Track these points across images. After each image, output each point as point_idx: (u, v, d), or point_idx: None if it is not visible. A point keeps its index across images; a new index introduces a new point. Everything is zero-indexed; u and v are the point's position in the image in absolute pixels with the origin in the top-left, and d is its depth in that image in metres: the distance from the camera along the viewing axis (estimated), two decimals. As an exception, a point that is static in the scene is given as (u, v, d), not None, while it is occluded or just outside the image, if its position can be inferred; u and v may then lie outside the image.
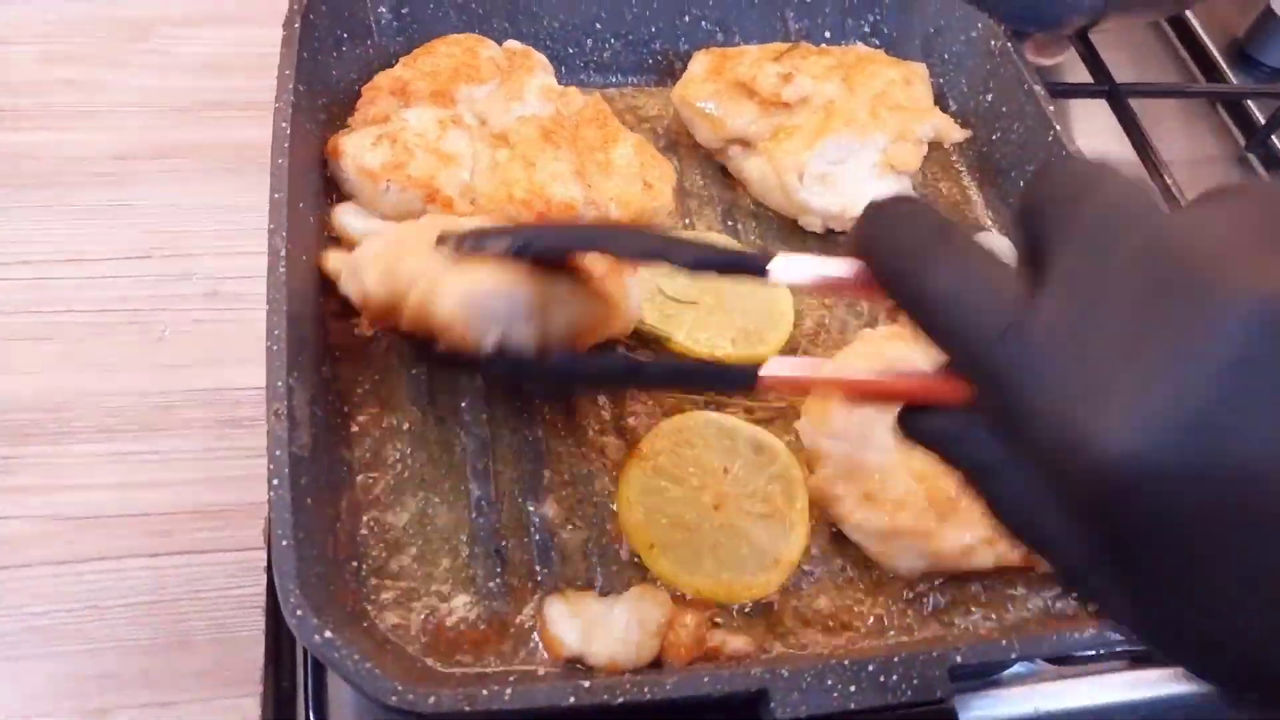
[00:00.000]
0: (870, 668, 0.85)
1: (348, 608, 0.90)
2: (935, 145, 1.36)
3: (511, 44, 1.28)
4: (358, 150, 1.13)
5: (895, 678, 0.85)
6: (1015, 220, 0.53)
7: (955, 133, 1.34)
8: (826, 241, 1.30)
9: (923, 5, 1.46)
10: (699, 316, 1.18)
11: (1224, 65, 1.82)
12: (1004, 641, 0.89)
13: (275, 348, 0.91)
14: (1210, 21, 1.88)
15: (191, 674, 0.96)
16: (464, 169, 1.15)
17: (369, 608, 0.93)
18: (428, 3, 1.32)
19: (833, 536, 1.07)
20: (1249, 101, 1.75)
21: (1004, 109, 1.41)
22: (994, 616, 1.04)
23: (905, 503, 1.01)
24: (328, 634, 0.78)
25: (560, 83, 1.29)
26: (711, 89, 1.29)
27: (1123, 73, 1.70)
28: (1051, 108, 1.34)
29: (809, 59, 1.33)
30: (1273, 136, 1.69)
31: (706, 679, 0.83)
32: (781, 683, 0.83)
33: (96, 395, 1.11)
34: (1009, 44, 1.38)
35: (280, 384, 0.89)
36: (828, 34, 1.48)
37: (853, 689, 0.84)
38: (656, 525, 1.01)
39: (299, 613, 0.79)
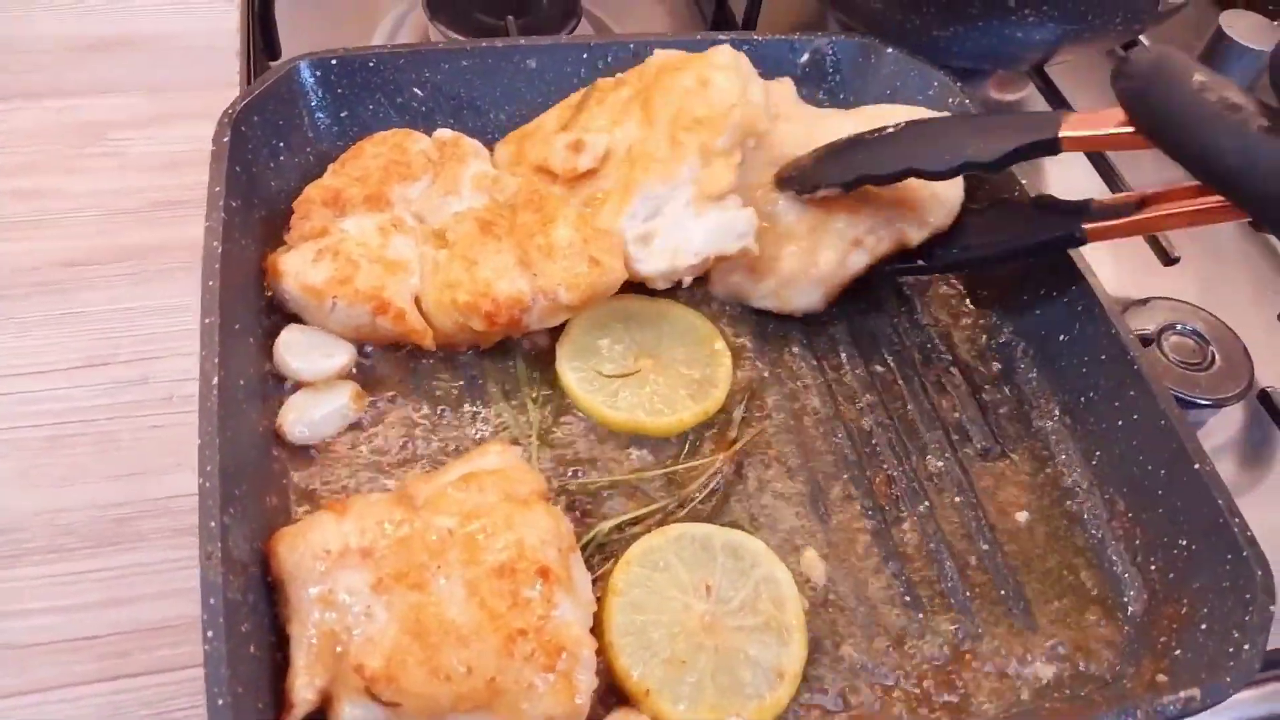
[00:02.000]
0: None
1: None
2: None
3: (441, 133, 1.24)
4: (299, 268, 1.08)
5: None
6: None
7: (761, 121, 1.17)
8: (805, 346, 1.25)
9: (877, 67, 1.44)
10: (649, 384, 1.14)
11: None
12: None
13: (208, 484, 0.85)
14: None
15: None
16: (412, 275, 1.11)
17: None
18: (367, 104, 1.29)
19: (823, 646, 1.00)
20: None
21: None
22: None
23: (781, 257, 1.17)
24: (271, 799, 0.71)
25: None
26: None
27: (1082, 102, 1.69)
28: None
29: (607, 98, 1.22)
30: None
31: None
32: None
33: (50, 512, 1.06)
34: (966, 100, 1.35)
35: (213, 523, 0.83)
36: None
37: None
38: (648, 666, 0.93)
39: (239, 777, 0.72)
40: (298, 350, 1.08)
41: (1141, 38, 1.65)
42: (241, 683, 0.78)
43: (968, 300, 1.32)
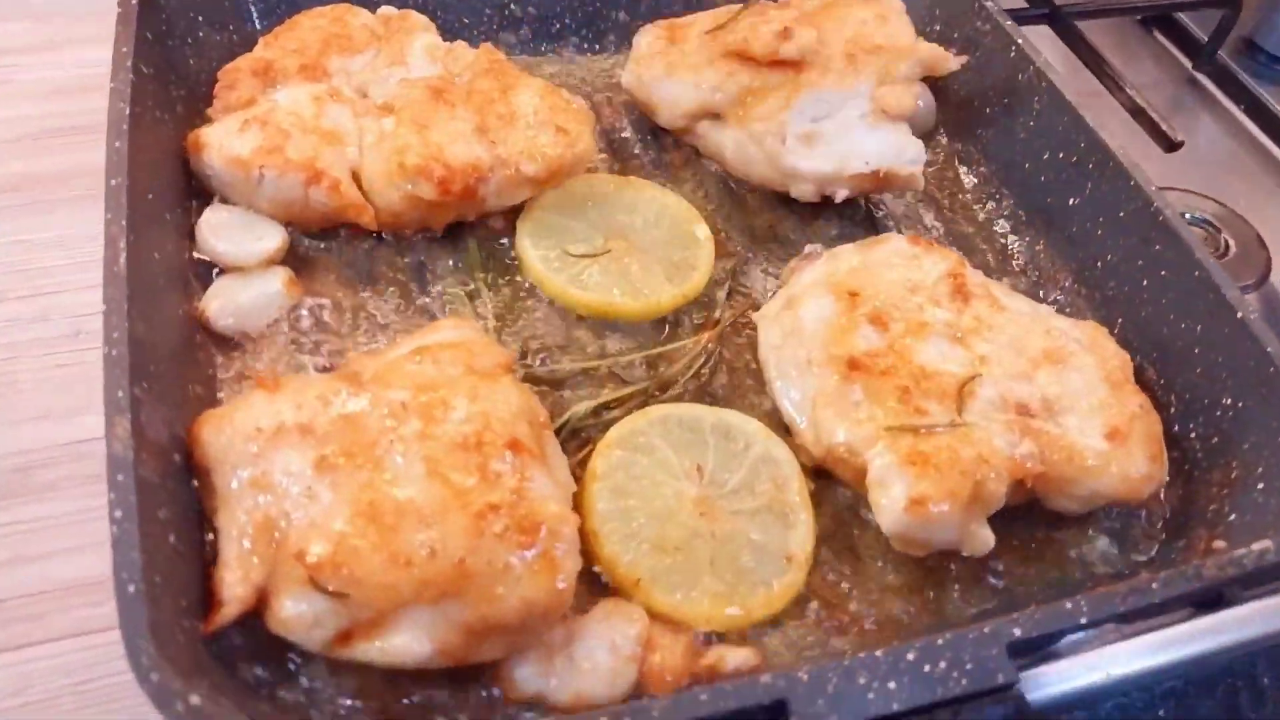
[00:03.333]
0: (910, 656, 0.66)
1: (228, 673, 0.69)
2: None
3: (387, 9, 1.12)
4: (223, 139, 0.95)
5: (944, 665, 0.66)
6: None
7: (949, 61, 1.17)
8: (824, 211, 1.14)
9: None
10: (620, 265, 1.02)
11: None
12: (1068, 604, 0.70)
13: (114, 352, 0.72)
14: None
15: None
16: (349, 146, 0.98)
17: (258, 670, 0.72)
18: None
19: (835, 515, 0.89)
20: (1186, 19, 1.62)
21: (956, 35, 1.27)
22: (1029, 575, 0.87)
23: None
24: (194, 700, 0.58)
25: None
26: (665, 62, 1.13)
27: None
28: (1009, 22, 1.20)
29: (768, 13, 1.16)
30: (1219, 52, 1.57)
31: (705, 697, 0.63)
32: (802, 689, 0.64)
33: None
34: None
35: (121, 393, 0.70)
36: None
37: (892, 685, 0.65)
38: (636, 554, 0.81)
39: (154, 676, 0.59)
40: (222, 231, 0.95)
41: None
42: (160, 573, 0.65)
43: (957, 175, 1.22)
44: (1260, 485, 0.86)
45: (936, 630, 0.80)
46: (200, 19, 1.08)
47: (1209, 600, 0.86)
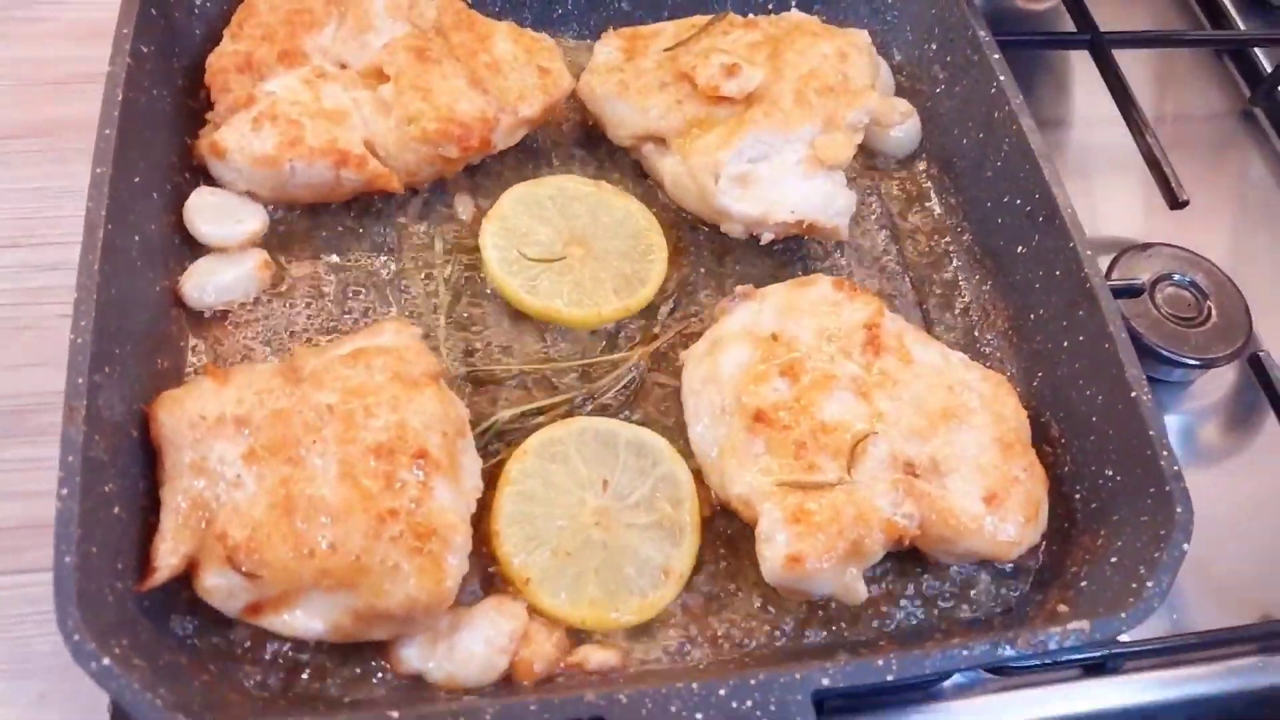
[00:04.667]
0: (722, 692, 0.76)
1: (157, 627, 0.82)
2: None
3: None
4: (241, 142, 1.03)
5: (750, 704, 0.76)
6: None
7: (893, 114, 1.20)
8: (755, 251, 1.18)
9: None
10: (573, 273, 1.09)
11: (1232, 11, 1.61)
12: (879, 660, 0.79)
13: (80, 340, 0.83)
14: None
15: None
16: (356, 120, 1.07)
17: (187, 624, 0.85)
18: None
19: (724, 538, 0.98)
20: (1256, 50, 1.55)
21: (948, 58, 1.28)
22: (896, 620, 0.95)
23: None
24: (105, 661, 0.71)
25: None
26: (618, 80, 1.16)
27: (1116, 20, 1.51)
28: (997, 56, 1.21)
29: (733, 33, 1.19)
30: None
31: (534, 706, 0.74)
32: (619, 709, 0.74)
33: None
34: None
35: (80, 380, 0.81)
36: (771, 5, 1.34)
37: (699, 716, 0.75)
38: (531, 555, 0.91)
39: (75, 637, 0.71)
40: (208, 214, 1.04)
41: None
42: (96, 544, 0.77)
43: (927, 202, 1.25)
44: (1113, 560, 0.92)
45: (781, 661, 0.90)
46: (208, -6, 1.14)
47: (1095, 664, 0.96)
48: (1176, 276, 1.24)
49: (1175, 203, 1.29)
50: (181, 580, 0.83)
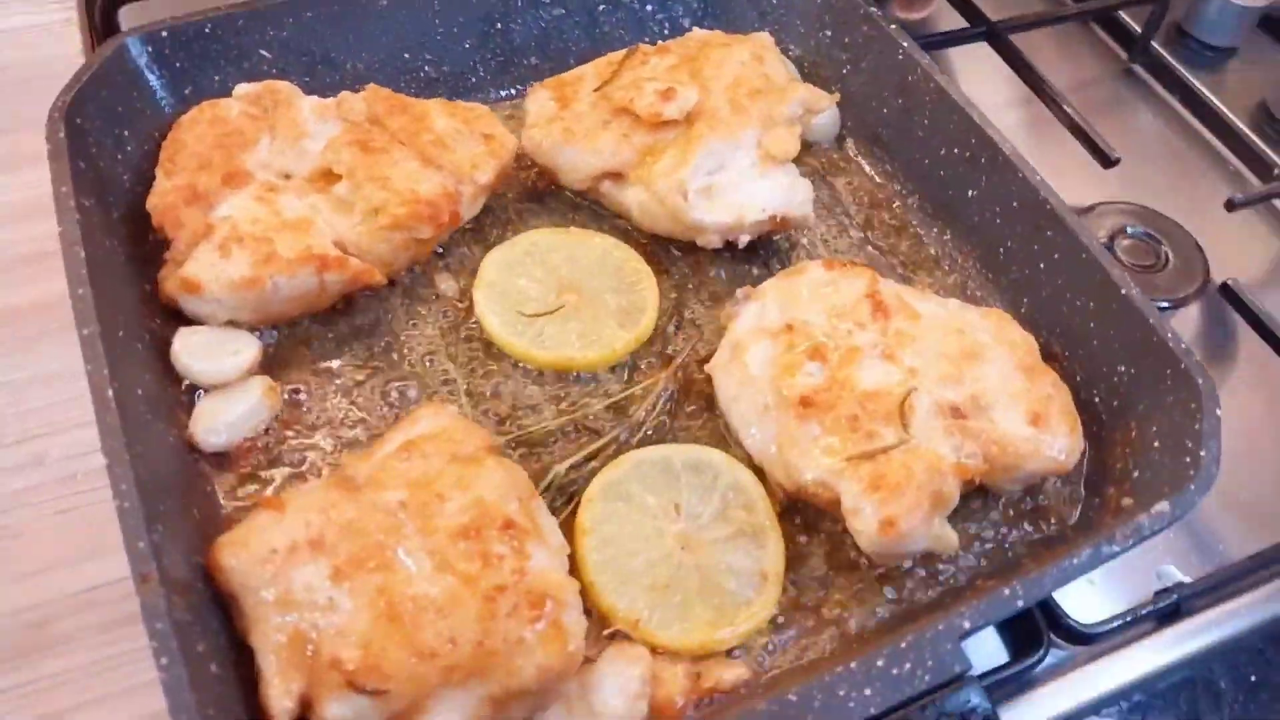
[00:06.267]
0: (880, 663, 0.76)
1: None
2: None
3: (242, 89, 1.14)
4: (214, 272, 0.99)
5: (909, 666, 0.77)
6: None
7: (823, 99, 1.26)
8: (728, 256, 1.21)
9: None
10: (576, 318, 1.09)
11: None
12: (1005, 590, 0.81)
13: (126, 505, 0.78)
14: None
15: None
16: (321, 224, 1.04)
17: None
18: (212, 75, 1.18)
19: (799, 527, 0.99)
20: (1122, 13, 1.68)
21: (846, 40, 1.35)
22: (975, 563, 0.98)
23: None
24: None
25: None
26: (561, 128, 1.17)
27: (991, 9, 1.61)
28: (894, 26, 1.28)
29: (650, 61, 1.23)
30: (1153, 43, 1.64)
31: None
32: (793, 710, 0.74)
33: None
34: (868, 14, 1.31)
35: (142, 544, 0.76)
36: (667, 29, 1.39)
37: (868, 692, 0.75)
38: (633, 597, 0.90)
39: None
40: (199, 353, 0.99)
41: None
42: (210, 705, 0.72)
43: (866, 175, 1.31)
44: (1156, 444, 0.98)
45: (901, 622, 0.92)
46: (125, 133, 1.10)
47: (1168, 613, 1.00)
48: (1129, 229, 1.34)
49: (1108, 162, 1.40)
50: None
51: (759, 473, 0.99)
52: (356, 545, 0.82)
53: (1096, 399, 1.06)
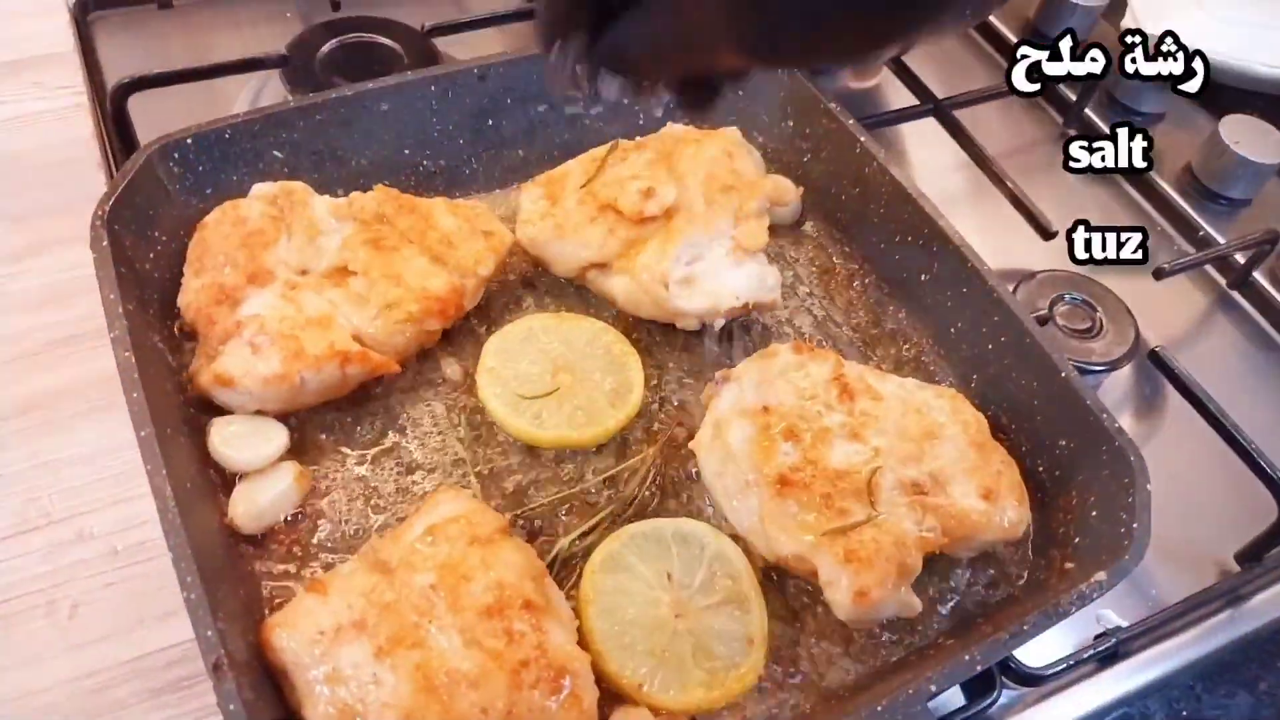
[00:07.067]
0: (859, 723, 0.88)
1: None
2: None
3: (259, 189, 1.24)
4: (246, 368, 1.09)
5: (884, 725, 0.88)
6: None
7: (788, 193, 1.40)
8: (699, 334, 1.32)
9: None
10: (571, 398, 1.20)
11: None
12: (965, 656, 0.94)
13: (193, 596, 0.87)
14: (1007, 12, 1.99)
15: None
16: (340, 319, 1.15)
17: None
18: (230, 175, 1.27)
19: (779, 593, 1.10)
20: (1061, 86, 1.79)
21: (807, 130, 1.48)
22: (936, 625, 1.10)
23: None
24: None
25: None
26: (553, 225, 1.30)
27: (936, 81, 1.75)
28: (852, 121, 1.41)
29: (629, 156, 1.35)
30: (1085, 109, 1.80)
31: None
32: (783, 768, 0.86)
33: (23, 696, 0.99)
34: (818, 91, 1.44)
35: (210, 633, 0.85)
36: (642, 121, 1.48)
37: (851, 750, 0.87)
38: (634, 663, 1.00)
39: None
40: (237, 443, 1.09)
41: None
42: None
43: (825, 257, 1.44)
44: (1094, 513, 1.11)
45: (873, 680, 1.04)
46: (156, 234, 1.19)
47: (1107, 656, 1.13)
48: (1068, 297, 1.47)
49: (1047, 235, 1.53)
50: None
51: (740, 541, 1.11)
52: (395, 625, 0.92)
53: (1040, 469, 1.20)
